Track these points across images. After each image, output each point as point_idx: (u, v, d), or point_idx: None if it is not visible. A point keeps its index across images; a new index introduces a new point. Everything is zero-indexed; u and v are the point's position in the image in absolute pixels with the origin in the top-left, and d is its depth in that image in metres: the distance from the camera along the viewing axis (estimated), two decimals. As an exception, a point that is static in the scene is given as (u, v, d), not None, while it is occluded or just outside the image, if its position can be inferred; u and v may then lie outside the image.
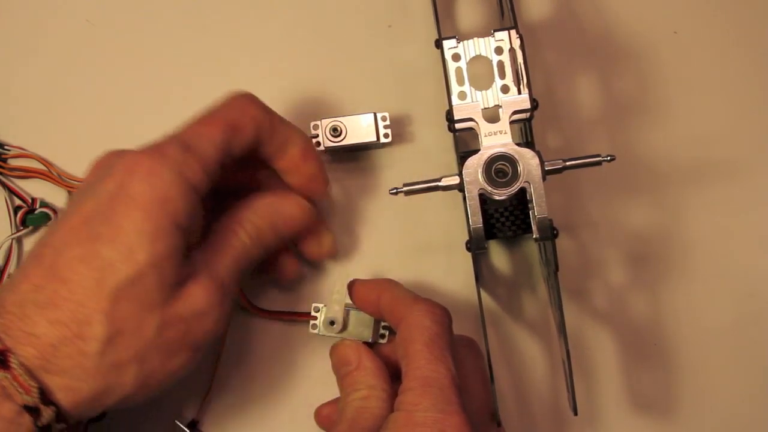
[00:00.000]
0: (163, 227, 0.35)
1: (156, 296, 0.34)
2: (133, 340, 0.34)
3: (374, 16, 0.48)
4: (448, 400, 0.35)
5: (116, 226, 0.34)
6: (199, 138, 0.37)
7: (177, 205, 0.35)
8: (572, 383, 0.39)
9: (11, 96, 0.48)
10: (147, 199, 0.35)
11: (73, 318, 0.34)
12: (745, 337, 0.45)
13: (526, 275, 0.46)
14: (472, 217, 0.39)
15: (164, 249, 0.34)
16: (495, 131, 0.39)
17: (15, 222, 0.46)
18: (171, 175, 0.35)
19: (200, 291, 0.36)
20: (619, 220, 0.46)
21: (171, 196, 0.35)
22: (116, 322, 0.34)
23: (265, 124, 0.39)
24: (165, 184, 0.35)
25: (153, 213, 0.35)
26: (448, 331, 0.38)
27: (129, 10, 0.49)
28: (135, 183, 0.35)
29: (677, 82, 0.47)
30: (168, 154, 0.36)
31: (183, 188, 0.35)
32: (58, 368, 0.33)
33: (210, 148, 0.37)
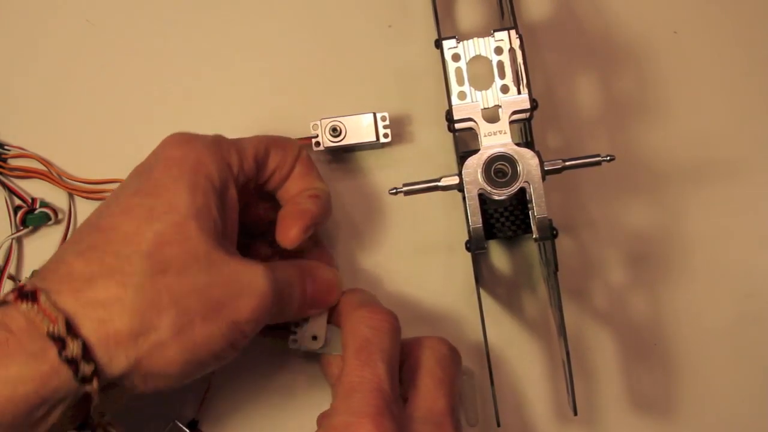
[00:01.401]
0: (200, 184, 0.35)
1: (200, 245, 0.34)
2: (176, 281, 0.33)
3: (374, 16, 0.48)
4: (366, 403, 0.35)
5: (155, 181, 0.35)
6: (242, 139, 0.39)
7: (211, 169, 0.36)
8: (572, 383, 0.39)
9: (11, 96, 0.48)
10: (182, 159, 0.36)
11: (114, 256, 0.33)
12: (745, 337, 0.45)
13: (526, 275, 0.46)
14: (472, 217, 0.39)
15: (204, 202, 0.35)
16: (495, 131, 0.39)
17: (15, 222, 0.46)
18: (203, 146, 0.37)
19: (255, 266, 0.35)
20: (619, 220, 0.46)
21: (205, 160, 0.36)
22: (159, 261, 0.33)
23: (294, 156, 0.41)
24: (199, 150, 0.36)
25: (189, 170, 0.36)
26: (385, 335, 0.37)
27: (129, 10, 0.49)
28: (170, 148, 0.37)
29: (677, 82, 0.47)
30: (206, 136, 0.38)
31: (216, 159, 0.37)
32: (93, 300, 0.32)
33: (247, 144, 0.39)
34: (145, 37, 0.48)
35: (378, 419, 0.34)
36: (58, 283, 0.33)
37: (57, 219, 0.47)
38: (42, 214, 0.46)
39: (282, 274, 0.38)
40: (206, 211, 0.35)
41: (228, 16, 0.49)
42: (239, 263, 0.35)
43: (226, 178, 0.37)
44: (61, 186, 0.47)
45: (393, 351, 0.37)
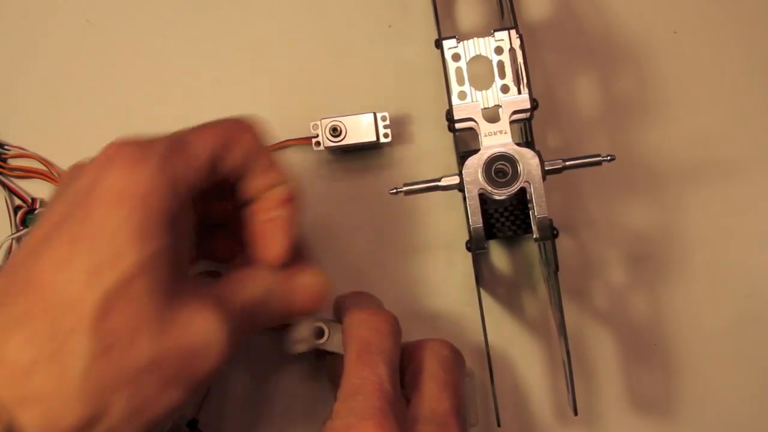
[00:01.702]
0: (150, 225, 0.30)
1: (149, 309, 0.30)
2: (125, 358, 0.29)
3: (374, 16, 0.48)
4: (368, 405, 0.34)
5: (97, 226, 0.30)
6: (194, 138, 0.34)
7: (163, 202, 0.31)
8: (572, 383, 0.39)
9: (11, 96, 0.48)
10: (128, 193, 0.30)
11: (53, 334, 0.29)
12: (745, 337, 0.45)
13: (526, 275, 0.46)
14: (472, 217, 0.39)
15: (154, 250, 0.30)
16: (495, 131, 0.39)
17: (15, 222, 0.46)
18: (154, 168, 0.31)
19: (205, 316, 0.31)
20: (619, 220, 0.46)
21: (155, 190, 0.31)
22: (105, 336, 0.29)
23: (263, 153, 0.36)
24: (148, 177, 0.31)
25: (137, 208, 0.30)
26: (385, 337, 0.37)
27: (129, 10, 0.49)
28: (113, 175, 0.30)
29: (677, 82, 0.47)
30: (153, 146, 0.32)
31: (169, 183, 0.31)
32: (35, 395, 0.28)
33: (203, 149, 0.33)
34: (145, 37, 0.48)
35: (381, 420, 0.33)
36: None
37: (57, 219, 0.47)
38: (42, 214, 0.46)
39: (254, 291, 0.35)
40: (157, 260, 0.30)
41: (228, 16, 0.49)
42: (194, 316, 0.31)
43: (181, 202, 0.32)
44: (61, 186, 0.47)
45: (394, 352, 0.37)
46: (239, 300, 0.34)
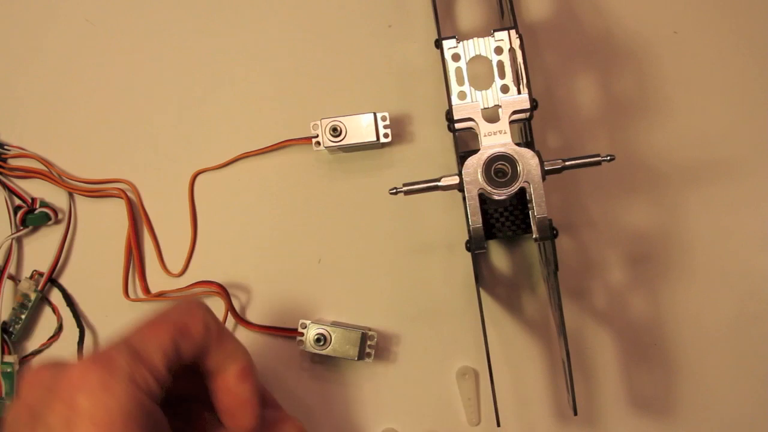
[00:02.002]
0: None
1: None
2: None
3: (374, 16, 0.48)
4: None
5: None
6: (148, 343, 0.34)
7: (139, 419, 0.32)
8: (572, 383, 0.39)
9: (11, 96, 0.48)
10: (108, 419, 0.31)
11: None
12: (745, 337, 0.45)
13: (526, 275, 0.46)
14: (472, 217, 0.39)
15: None
16: (495, 131, 0.39)
17: (15, 222, 0.46)
18: (124, 387, 0.32)
19: None
20: (619, 220, 0.46)
21: (130, 409, 0.32)
22: None
23: (213, 332, 0.36)
24: (121, 399, 0.32)
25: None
26: None
27: (129, 10, 0.49)
28: (89, 402, 0.32)
29: (677, 82, 0.47)
30: (117, 363, 0.33)
31: (140, 398, 0.32)
32: None
33: (158, 353, 0.34)
34: (144, 37, 0.48)
35: None
36: None
37: (57, 219, 0.47)
38: (42, 214, 0.46)
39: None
40: None
41: (228, 17, 0.49)
42: None
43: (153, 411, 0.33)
44: (61, 186, 0.47)
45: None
46: None
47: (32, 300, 0.45)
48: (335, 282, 0.46)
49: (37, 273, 0.46)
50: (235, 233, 0.47)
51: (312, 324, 0.43)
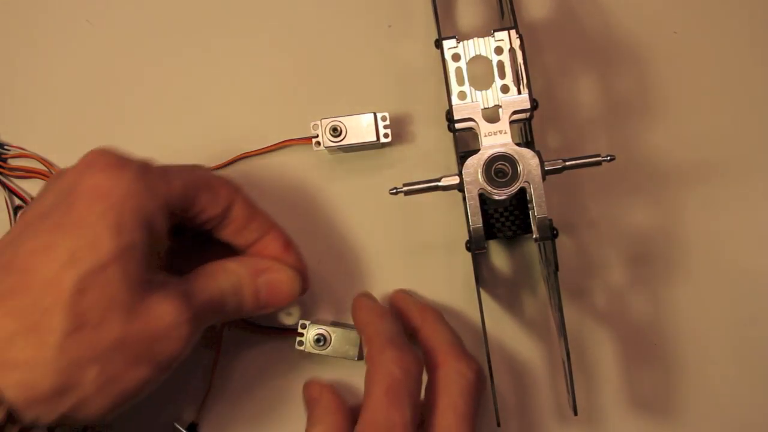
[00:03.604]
0: (126, 220, 0.33)
1: (121, 291, 0.33)
2: (96, 335, 0.32)
3: (374, 16, 0.48)
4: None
5: (77, 217, 0.33)
6: (170, 167, 0.37)
7: (140, 202, 0.34)
8: (572, 383, 0.39)
9: (11, 96, 0.48)
10: (109, 191, 0.33)
11: (32, 309, 0.32)
12: (745, 337, 0.45)
13: (526, 275, 0.46)
14: (472, 217, 0.39)
15: (129, 243, 0.33)
16: (495, 131, 0.39)
17: (15, 222, 0.46)
18: (134, 173, 0.34)
19: (168, 305, 0.34)
20: (619, 220, 0.46)
21: (133, 192, 0.34)
22: (79, 315, 0.32)
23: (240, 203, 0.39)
24: (128, 180, 0.34)
25: (116, 204, 0.33)
26: (413, 380, 0.37)
27: (129, 10, 0.49)
28: (97, 175, 0.34)
29: (677, 82, 0.47)
30: (131, 159, 0.35)
31: (146, 188, 0.34)
32: (14, 361, 0.31)
33: (178, 177, 0.36)
34: (145, 37, 0.48)
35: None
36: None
37: (57, 219, 0.47)
38: (42, 214, 0.46)
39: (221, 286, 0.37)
40: (131, 251, 0.33)
41: (228, 17, 0.49)
42: (158, 306, 0.34)
43: (154, 207, 0.35)
44: (61, 186, 0.47)
45: (418, 396, 0.37)
46: (206, 294, 0.37)
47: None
48: (335, 282, 0.46)
49: (37, 273, 0.46)
50: (235, 233, 0.46)
51: (311, 324, 0.43)
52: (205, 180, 0.38)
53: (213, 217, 0.38)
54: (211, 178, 0.39)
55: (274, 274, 0.40)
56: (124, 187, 0.34)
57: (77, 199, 0.33)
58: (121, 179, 0.34)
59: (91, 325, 0.32)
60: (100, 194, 0.33)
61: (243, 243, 0.40)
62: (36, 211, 0.34)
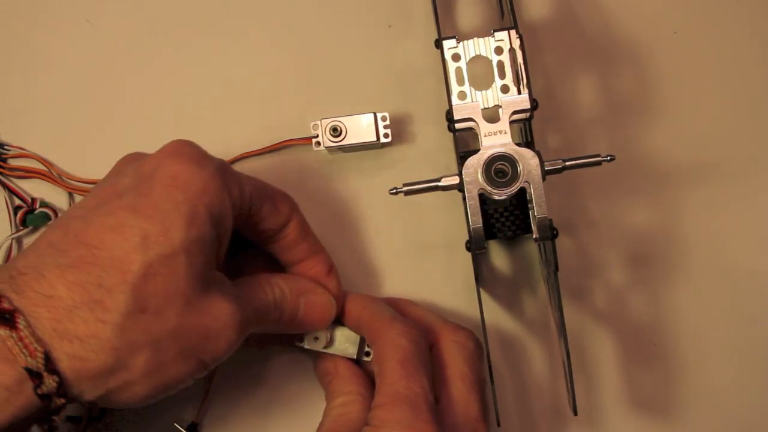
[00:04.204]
0: (200, 214, 0.34)
1: (185, 283, 0.33)
2: (154, 322, 0.33)
3: (374, 16, 0.48)
4: (417, 416, 0.35)
5: (155, 202, 0.33)
6: (241, 176, 0.38)
7: (214, 199, 0.35)
8: (572, 383, 0.39)
9: (11, 96, 0.48)
10: (188, 182, 0.34)
11: (97, 284, 0.32)
12: (745, 337, 0.45)
13: (526, 275, 0.46)
14: (472, 217, 0.39)
15: (198, 235, 0.34)
16: (495, 131, 0.39)
17: (15, 222, 0.46)
18: (212, 170, 0.35)
19: (225, 305, 0.35)
20: (619, 220, 0.46)
21: (210, 188, 0.35)
22: (141, 298, 0.32)
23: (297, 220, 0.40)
24: (207, 175, 0.35)
25: (192, 197, 0.34)
26: (423, 350, 0.38)
27: (129, 10, 0.49)
28: (178, 164, 0.35)
29: (677, 82, 0.47)
30: (213, 157, 0.36)
31: (222, 186, 0.35)
32: (72, 333, 0.31)
33: (248, 184, 0.37)
34: (144, 37, 0.48)
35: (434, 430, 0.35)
36: (37, 305, 0.32)
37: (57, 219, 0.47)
38: (42, 214, 0.46)
39: (267, 299, 0.38)
40: (199, 245, 0.34)
41: (228, 17, 0.49)
42: (215, 304, 0.35)
43: (225, 208, 0.36)
44: (61, 186, 0.47)
45: (429, 366, 0.38)
46: (254, 302, 0.37)
47: (32, 300, 0.45)
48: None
49: (37, 273, 0.46)
50: (235, 233, 0.46)
51: None
52: (270, 192, 0.39)
53: (270, 229, 0.39)
54: (275, 192, 0.39)
55: (316, 297, 0.40)
56: (203, 181, 0.34)
57: (156, 184, 0.34)
58: (200, 173, 0.35)
59: (151, 311, 0.33)
60: (179, 184, 0.34)
61: (290, 260, 0.41)
62: (112, 189, 0.35)
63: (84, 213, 0.34)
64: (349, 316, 0.42)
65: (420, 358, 0.37)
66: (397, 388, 0.36)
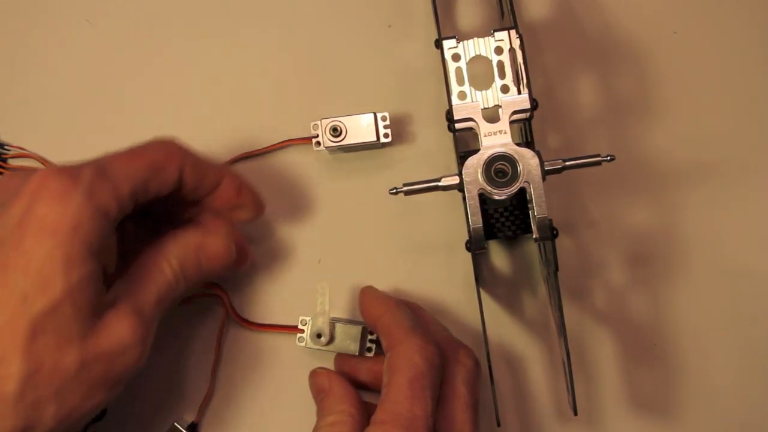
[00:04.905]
0: (76, 254, 0.33)
1: (74, 328, 0.33)
2: (53, 377, 0.32)
3: (374, 16, 0.48)
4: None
5: (27, 255, 0.32)
6: (118, 169, 0.36)
7: (89, 231, 0.33)
8: (572, 383, 0.39)
9: (11, 96, 0.48)
10: (57, 225, 0.33)
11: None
12: (745, 337, 0.45)
13: (526, 275, 0.46)
14: (472, 217, 0.39)
15: (79, 277, 0.33)
16: (495, 131, 0.39)
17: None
18: (81, 199, 0.33)
19: (122, 324, 0.34)
20: (619, 221, 0.46)
21: (82, 221, 0.33)
22: (34, 359, 0.32)
23: (189, 168, 0.38)
24: (75, 208, 0.33)
25: (65, 239, 0.33)
26: (435, 369, 0.38)
27: (129, 11, 0.49)
28: (44, 206, 0.33)
29: (677, 82, 0.47)
30: (80, 176, 0.34)
31: (94, 213, 0.34)
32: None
33: (126, 182, 0.36)
34: (144, 37, 0.48)
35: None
36: None
37: (57, 219, 0.47)
38: (42, 214, 0.46)
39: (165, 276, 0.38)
40: (82, 283, 0.33)
41: (228, 17, 0.49)
42: (112, 328, 0.34)
43: (104, 227, 0.34)
44: (61, 186, 0.47)
45: (439, 388, 0.38)
46: (151, 293, 0.37)
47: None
48: (335, 282, 0.46)
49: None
50: (235, 233, 0.46)
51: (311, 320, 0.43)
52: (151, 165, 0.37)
53: (167, 194, 0.38)
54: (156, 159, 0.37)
55: (209, 247, 0.40)
56: (72, 217, 0.33)
57: (26, 233, 0.33)
58: (68, 209, 0.33)
59: (47, 366, 0.32)
60: (48, 229, 0.33)
61: (200, 198, 0.40)
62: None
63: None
64: (368, 315, 0.42)
65: (430, 379, 0.37)
66: (400, 408, 0.36)
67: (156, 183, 0.37)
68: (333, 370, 0.42)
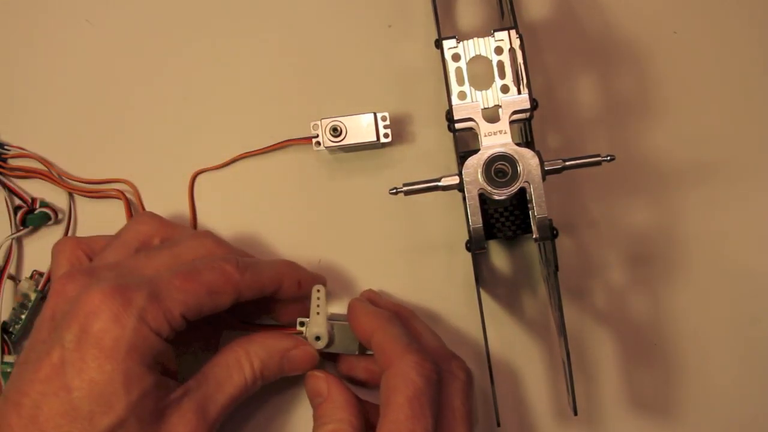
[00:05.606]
0: (134, 373, 0.35)
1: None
2: None
3: (374, 16, 0.48)
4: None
5: (89, 379, 0.35)
6: (171, 291, 0.37)
7: (144, 351, 0.35)
8: (572, 383, 0.39)
9: (11, 96, 0.48)
10: (114, 347, 0.35)
11: None
12: (745, 337, 0.45)
13: (526, 275, 0.46)
14: (472, 217, 0.39)
15: (139, 393, 0.35)
16: (495, 131, 0.39)
17: (15, 222, 0.46)
18: (134, 322, 0.35)
19: (183, 427, 0.36)
20: (619, 220, 0.46)
21: (137, 343, 0.35)
22: None
23: (245, 289, 0.39)
24: (130, 332, 0.35)
25: (121, 360, 0.35)
26: (433, 386, 0.37)
27: (129, 11, 0.49)
28: (99, 329, 0.35)
29: (677, 82, 0.47)
30: (133, 299, 0.36)
31: (148, 334, 0.36)
32: None
33: (179, 305, 0.37)
34: (144, 37, 0.48)
35: None
36: None
37: (57, 219, 0.47)
38: (42, 214, 0.46)
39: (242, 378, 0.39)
40: (143, 397, 0.35)
41: (228, 17, 0.49)
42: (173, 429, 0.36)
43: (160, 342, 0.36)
44: (61, 186, 0.47)
45: (438, 404, 0.38)
46: (222, 396, 0.38)
47: (32, 300, 0.45)
48: (335, 282, 0.46)
49: (37, 273, 0.46)
50: (235, 233, 0.46)
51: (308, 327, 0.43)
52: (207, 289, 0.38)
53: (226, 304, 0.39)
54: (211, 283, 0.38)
55: (297, 352, 0.41)
56: (128, 339, 0.35)
57: (85, 357, 0.35)
58: (123, 331, 0.35)
59: None
60: (106, 352, 0.35)
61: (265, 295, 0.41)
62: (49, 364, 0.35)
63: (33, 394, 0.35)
64: (361, 332, 0.41)
65: (429, 395, 0.37)
66: (401, 428, 0.36)
67: (210, 306, 0.38)
68: (332, 374, 0.41)
